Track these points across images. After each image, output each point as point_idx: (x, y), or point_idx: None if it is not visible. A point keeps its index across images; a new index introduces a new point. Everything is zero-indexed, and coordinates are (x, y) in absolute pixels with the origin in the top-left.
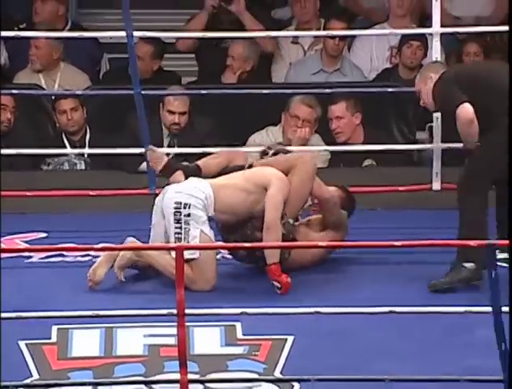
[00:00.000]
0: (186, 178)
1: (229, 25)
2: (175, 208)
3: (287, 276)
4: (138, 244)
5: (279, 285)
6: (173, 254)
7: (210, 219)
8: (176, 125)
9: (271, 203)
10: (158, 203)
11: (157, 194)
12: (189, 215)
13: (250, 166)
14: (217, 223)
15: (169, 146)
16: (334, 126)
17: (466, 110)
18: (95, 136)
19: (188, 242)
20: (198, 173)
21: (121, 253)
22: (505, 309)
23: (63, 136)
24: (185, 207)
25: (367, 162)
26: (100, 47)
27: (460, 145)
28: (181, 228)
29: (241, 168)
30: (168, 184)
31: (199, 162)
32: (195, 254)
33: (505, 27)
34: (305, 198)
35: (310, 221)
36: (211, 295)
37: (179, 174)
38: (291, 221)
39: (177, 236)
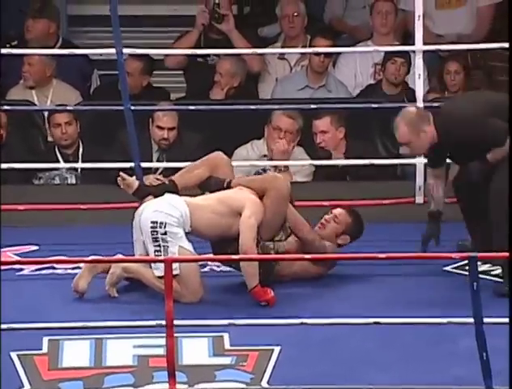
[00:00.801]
0: None
1: (217, 43)
2: (151, 228)
3: (270, 291)
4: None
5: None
6: (155, 271)
7: (187, 233)
8: (165, 140)
9: (245, 226)
10: (136, 218)
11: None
12: (165, 233)
13: (229, 183)
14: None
15: (158, 160)
16: (318, 140)
17: None
18: (87, 150)
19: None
20: (173, 191)
21: (111, 270)
22: (487, 320)
23: (56, 150)
24: (160, 226)
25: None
26: (90, 64)
27: None
28: (159, 246)
29: (222, 182)
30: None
31: (176, 177)
32: (176, 270)
33: (487, 45)
34: (281, 221)
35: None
36: (199, 306)
37: (150, 199)
38: (267, 244)
39: (156, 254)
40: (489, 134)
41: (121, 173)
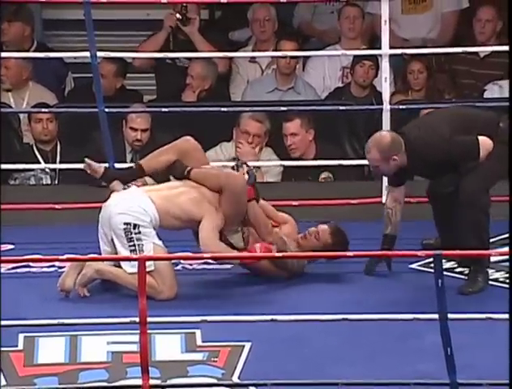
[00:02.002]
0: (125, 185)
1: (186, 45)
2: (124, 229)
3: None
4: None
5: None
6: (129, 268)
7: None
8: (138, 141)
9: (205, 235)
10: (105, 213)
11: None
12: (139, 232)
13: (189, 172)
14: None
15: (132, 161)
16: (289, 143)
17: (486, 142)
18: (64, 150)
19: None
20: (139, 175)
21: (83, 271)
22: (451, 316)
23: (34, 148)
24: (134, 228)
25: (324, 175)
26: (65, 66)
27: None
28: (134, 245)
29: (183, 169)
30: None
31: (143, 162)
32: (151, 266)
33: (451, 49)
34: (240, 216)
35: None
36: (171, 303)
37: (117, 184)
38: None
39: (132, 253)
40: (460, 152)
41: (86, 160)
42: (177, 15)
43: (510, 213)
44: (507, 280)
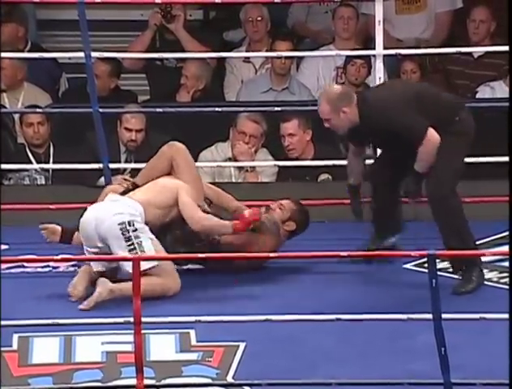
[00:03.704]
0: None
1: (173, 45)
2: (121, 229)
3: (244, 215)
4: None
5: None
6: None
7: None
8: (133, 141)
9: (184, 207)
10: (87, 227)
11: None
12: (136, 230)
13: (134, 184)
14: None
15: (126, 161)
16: (286, 143)
17: (434, 134)
18: (58, 151)
19: (145, 252)
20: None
21: (99, 290)
22: (445, 315)
23: (27, 150)
24: (129, 225)
25: (323, 177)
26: (59, 67)
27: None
28: (133, 243)
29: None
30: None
31: (138, 179)
32: (154, 263)
33: (445, 50)
34: (200, 180)
35: None
36: (166, 303)
37: (78, 236)
38: (205, 207)
39: (132, 252)
40: (405, 128)
41: (41, 225)
42: (161, 12)
43: (510, 213)
44: (501, 280)
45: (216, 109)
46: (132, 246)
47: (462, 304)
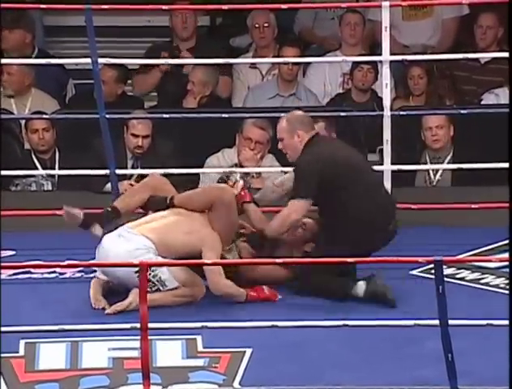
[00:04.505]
0: (103, 228)
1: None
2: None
3: (262, 289)
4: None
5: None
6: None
7: None
8: (139, 147)
9: (212, 274)
10: (104, 256)
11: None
12: (152, 271)
13: (171, 199)
14: None
15: (133, 167)
16: None
17: (299, 210)
18: (63, 157)
19: (166, 285)
20: (116, 217)
21: (130, 299)
22: (452, 322)
23: (33, 156)
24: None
25: None
26: (66, 73)
27: (409, 167)
28: (153, 283)
29: (164, 199)
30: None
31: (118, 202)
32: (174, 283)
33: (451, 56)
34: (234, 228)
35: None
36: (172, 310)
37: (97, 228)
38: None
39: (153, 288)
40: (297, 179)
41: (64, 207)
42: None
43: (510, 219)
44: (507, 287)
45: (223, 115)
46: (153, 285)
47: (469, 310)
